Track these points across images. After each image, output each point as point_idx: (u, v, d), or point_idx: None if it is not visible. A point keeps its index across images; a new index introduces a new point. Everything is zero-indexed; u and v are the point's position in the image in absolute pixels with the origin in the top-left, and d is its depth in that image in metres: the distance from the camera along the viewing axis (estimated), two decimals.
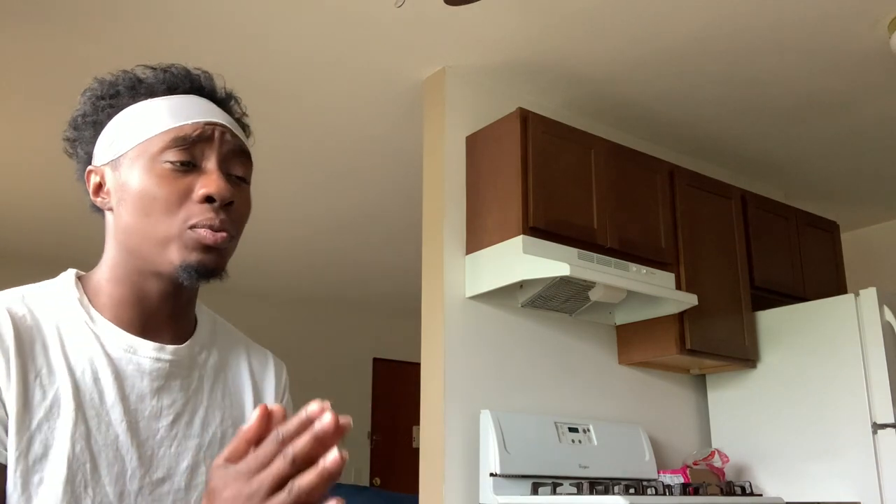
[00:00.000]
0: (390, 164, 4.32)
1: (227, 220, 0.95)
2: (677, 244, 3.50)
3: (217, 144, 0.96)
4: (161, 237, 0.93)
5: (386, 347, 7.52)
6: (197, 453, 0.98)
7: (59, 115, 4.25)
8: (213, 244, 0.93)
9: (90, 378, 0.92)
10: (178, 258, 0.93)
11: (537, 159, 3.10)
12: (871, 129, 3.99)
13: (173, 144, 0.94)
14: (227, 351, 1.08)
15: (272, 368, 1.12)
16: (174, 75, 1.00)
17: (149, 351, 0.96)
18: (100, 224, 1.06)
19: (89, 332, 0.94)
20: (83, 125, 1.01)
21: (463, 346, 3.07)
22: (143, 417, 0.95)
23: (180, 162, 0.94)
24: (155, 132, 0.95)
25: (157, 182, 0.93)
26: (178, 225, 0.93)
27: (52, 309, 0.95)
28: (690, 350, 3.39)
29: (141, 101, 0.98)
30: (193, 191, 0.94)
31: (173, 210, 0.93)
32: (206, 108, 0.98)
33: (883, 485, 3.17)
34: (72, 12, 3.00)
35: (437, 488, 2.91)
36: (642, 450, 3.35)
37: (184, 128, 0.95)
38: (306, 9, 2.99)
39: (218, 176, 0.94)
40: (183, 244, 0.93)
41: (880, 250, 5.26)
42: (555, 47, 3.26)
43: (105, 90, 1.00)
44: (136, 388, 0.95)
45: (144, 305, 0.97)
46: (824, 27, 3.12)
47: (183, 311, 1.01)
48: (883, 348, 3.26)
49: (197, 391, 1.01)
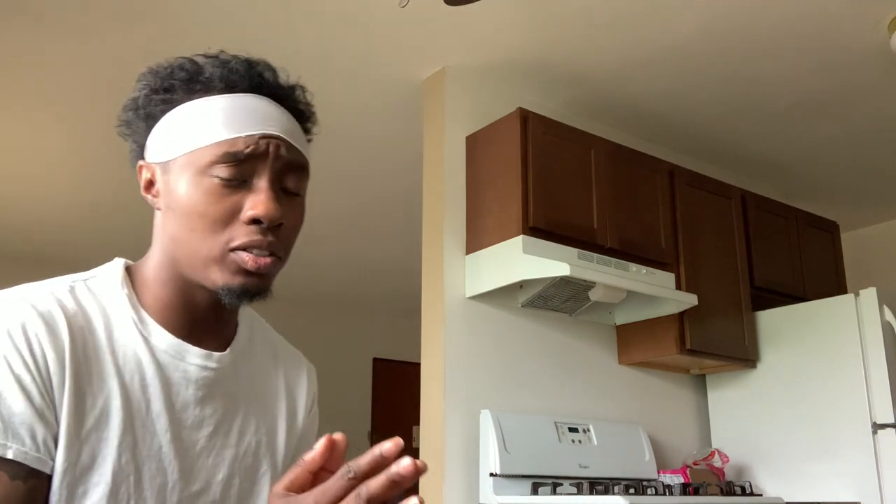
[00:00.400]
0: (390, 164, 4.32)
1: (274, 243, 0.89)
2: (677, 244, 3.50)
3: (271, 160, 0.89)
4: (204, 256, 0.89)
5: (386, 347, 7.52)
6: (232, 464, 0.95)
7: (59, 115, 4.25)
8: (255, 270, 0.88)
9: (138, 385, 0.89)
10: (220, 280, 0.89)
11: (537, 159, 3.10)
12: (871, 129, 3.99)
13: (223, 160, 0.87)
14: (262, 355, 1.04)
15: (305, 374, 1.09)
16: (233, 71, 0.92)
17: (196, 358, 0.93)
18: (98, 225, 1.05)
19: (137, 335, 0.90)
20: (135, 117, 0.95)
21: (463, 346, 3.07)
22: (186, 427, 0.91)
23: (229, 178, 0.88)
24: (206, 142, 0.88)
25: (204, 198, 0.88)
26: (221, 246, 0.88)
27: (100, 305, 0.90)
28: (690, 350, 3.39)
29: (196, 100, 0.91)
30: (241, 210, 0.88)
31: (218, 230, 0.88)
32: (264, 115, 0.91)
33: (883, 485, 3.17)
34: (72, 12, 3.00)
35: (437, 488, 2.91)
36: (642, 450, 3.35)
37: (236, 142, 0.88)
38: (306, 9, 2.99)
39: (267, 196, 0.88)
40: (225, 266, 0.88)
41: (880, 250, 5.26)
42: (555, 47, 3.26)
43: (159, 83, 0.93)
44: (182, 397, 0.92)
45: (191, 311, 0.94)
46: (824, 27, 3.11)
47: (229, 317, 0.98)
48: (883, 348, 3.26)
49: (235, 399, 0.97)
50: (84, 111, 3.76)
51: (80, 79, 3.46)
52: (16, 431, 0.79)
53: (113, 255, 3.74)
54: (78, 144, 4.13)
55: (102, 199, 4.80)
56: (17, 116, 3.83)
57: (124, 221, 5.06)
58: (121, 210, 4.91)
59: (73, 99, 3.65)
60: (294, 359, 1.10)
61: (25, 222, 5.25)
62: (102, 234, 5.35)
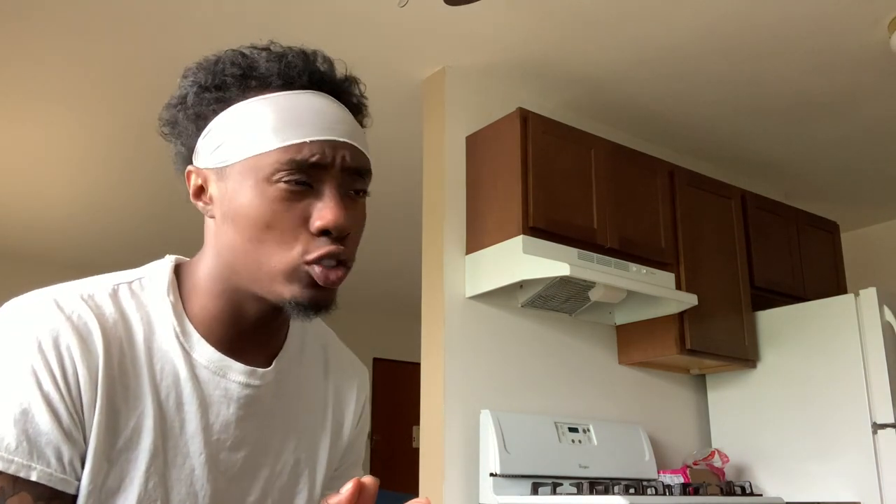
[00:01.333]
0: (390, 164, 4.32)
1: (345, 253, 0.85)
2: (677, 244, 3.50)
3: (338, 168, 0.84)
4: (272, 268, 0.83)
5: (386, 347, 7.52)
6: (266, 484, 0.91)
7: (59, 115, 4.25)
8: (326, 283, 0.83)
9: (174, 403, 0.84)
10: (288, 293, 0.83)
11: (537, 159, 3.10)
12: (871, 129, 3.99)
13: (289, 167, 0.82)
14: (311, 366, 0.99)
15: (356, 384, 1.04)
16: (290, 65, 0.86)
17: (238, 375, 0.87)
18: (99, 225, 1.04)
19: (178, 347, 0.85)
20: (184, 117, 0.88)
21: (463, 346, 3.07)
22: (224, 449, 0.87)
23: (296, 182, 0.82)
24: (269, 147, 0.82)
25: (272, 207, 0.82)
26: (293, 259, 0.83)
27: (143, 312, 0.85)
28: (690, 350, 3.39)
29: (252, 98, 0.85)
30: (309, 219, 0.83)
31: (289, 242, 0.83)
32: (328, 117, 0.85)
33: (883, 485, 3.17)
34: (73, 12, 3.00)
35: (437, 488, 2.91)
36: (642, 450, 3.35)
37: (301, 148, 0.82)
38: (306, 9, 2.99)
39: (336, 203, 0.83)
40: (297, 279, 0.83)
41: (880, 250, 5.26)
42: (555, 47, 3.26)
43: (210, 80, 0.86)
44: (222, 416, 0.86)
45: (239, 324, 0.88)
46: (824, 27, 3.11)
47: (277, 330, 0.93)
48: (883, 348, 3.26)
49: (276, 416, 0.92)
50: (85, 111, 3.76)
51: (81, 79, 3.46)
52: (41, 452, 0.76)
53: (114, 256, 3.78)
54: (79, 144, 4.13)
55: (103, 199, 4.80)
56: (16, 116, 3.83)
57: (125, 221, 5.07)
58: (122, 210, 4.91)
59: (74, 99, 3.65)
60: (346, 366, 1.04)
61: (26, 222, 5.25)
62: (103, 233, 5.35)
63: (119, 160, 4.27)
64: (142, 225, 5.06)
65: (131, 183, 4.57)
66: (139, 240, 5.30)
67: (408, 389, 5.70)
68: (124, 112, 3.75)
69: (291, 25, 3.08)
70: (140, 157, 4.22)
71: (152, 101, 4.12)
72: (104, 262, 5.67)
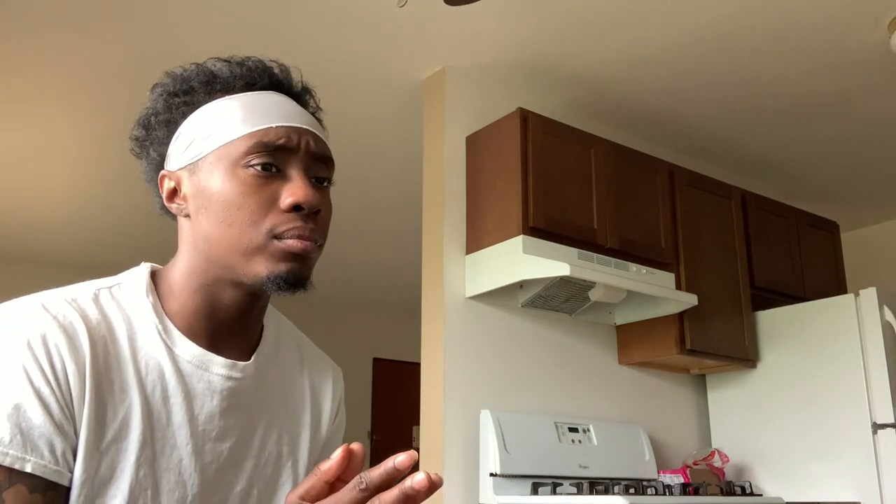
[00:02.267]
0: (390, 164, 4.32)
1: (315, 229, 0.90)
2: (677, 244, 3.50)
3: (302, 152, 0.90)
4: (245, 248, 0.87)
5: (386, 347, 7.53)
6: (252, 474, 0.93)
7: (58, 115, 4.25)
8: (302, 252, 0.88)
9: (160, 396, 0.87)
10: (264, 270, 0.87)
11: (537, 159, 3.10)
12: (871, 129, 3.99)
13: (257, 149, 0.88)
14: (288, 361, 1.02)
15: (330, 379, 1.07)
16: (251, 70, 0.93)
17: (220, 368, 0.91)
18: (98, 225, 1.05)
19: (161, 344, 0.89)
20: (155, 124, 0.94)
21: (463, 346, 3.07)
22: (210, 439, 0.90)
23: (264, 165, 0.88)
24: (237, 134, 0.89)
25: (241, 189, 0.87)
26: (263, 235, 0.87)
27: (124, 313, 0.89)
28: (690, 350, 3.39)
29: (217, 99, 0.91)
30: (279, 199, 0.88)
31: (258, 219, 0.87)
32: (288, 110, 0.92)
33: (883, 485, 3.17)
34: (73, 12, 3.00)
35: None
36: (642, 450, 3.35)
37: (268, 132, 0.89)
38: (306, 9, 2.99)
39: (304, 183, 0.89)
40: (270, 255, 0.87)
41: (880, 250, 5.26)
42: (555, 47, 3.26)
43: (178, 86, 0.93)
44: (206, 408, 0.90)
45: (217, 316, 0.92)
46: (824, 27, 3.11)
47: (253, 322, 0.96)
48: (883, 348, 3.26)
49: (258, 408, 0.95)
50: (81, 112, 3.76)
51: (77, 80, 3.46)
52: (35, 444, 0.78)
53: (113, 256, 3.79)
54: (75, 145, 4.13)
55: (100, 200, 4.80)
56: (16, 116, 3.83)
57: (124, 221, 5.07)
58: (120, 210, 4.91)
59: (70, 100, 3.65)
60: (320, 362, 1.08)
61: (23, 223, 5.25)
62: (100, 234, 5.35)
63: (115, 161, 4.27)
64: (139, 225, 5.06)
65: (128, 183, 4.55)
66: (137, 240, 5.29)
67: (408, 389, 5.69)
68: (120, 113, 3.75)
69: (291, 25, 3.08)
70: (134, 158, 4.21)
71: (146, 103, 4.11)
72: (102, 262, 5.67)
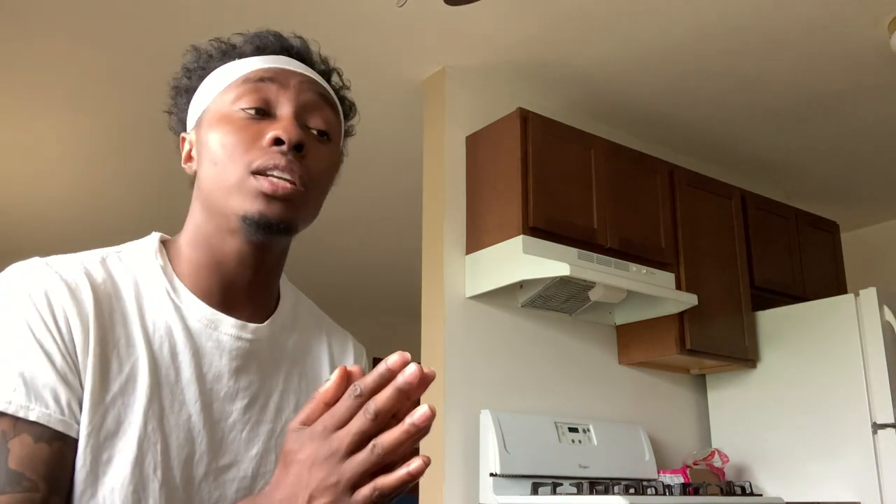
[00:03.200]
0: (390, 164, 4.32)
1: (295, 166, 0.86)
2: (677, 244, 3.50)
3: (294, 92, 0.90)
4: (226, 185, 0.87)
5: (386, 347, 7.49)
6: (268, 440, 0.92)
7: (56, 115, 4.24)
8: (273, 193, 0.85)
9: (168, 352, 0.86)
10: (239, 208, 0.86)
11: (537, 159, 3.10)
12: (871, 129, 3.99)
13: (245, 88, 0.89)
14: (307, 333, 1.01)
15: (351, 352, 1.06)
16: (263, 37, 0.95)
17: (230, 328, 0.90)
18: (98, 225, 1.04)
19: (169, 303, 0.88)
20: (178, 94, 0.97)
21: (463, 346, 3.07)
22: (218, 398, 0.89)
23: (254, 108, 0.89)
24: (230, 80, 0.91)
25: (228, 129, 0.88)
26: (242, 169, 0.86)
27: (132, 275, 0.89)
28: (690, 350, 3.39)
29: (229, 62, 0.94)
30: (263, 137, 0.87)
31: (239, 155, 0.87)
32: (287, 61, 0.93)
33: (883, 485, 3.17)
34: (73, 12, 3.00)
35: (437, 488, 2.91)
36: (642, 450, 3.35)
37: (257, 71, 0.91)
38: (306, 8, 2.99)
39: (290, 121, 0.88)
40: (245, 193, 0.86)
41: (880, 250, 5.26)
42: (555, 47, 3.26)
43: (198, 57, 0.96)
44: (214, 367, 0.89)
45: (223, 271, 0.91)
46: (824, 27, 3.11)
47: (264, 282, 0.94)
48: (883, 348, 3.26)
49: (274, 374, 0.94)
50: (84, 111, 3.76)
51: (80, 79, 3.46)
52: (38, 394, 0.78)
53: None
54: (77, 144, 4.13)
55: (103, 199, 4.80)
56: (16, 116, 3.83)
57: (124, 221, 5.07)
58: (120, 210, 4.91)
59: (73, 99, 3.65)
60: (341, 337, 1.06)
61: (25, 222, 5.25)
62: (102, 233, 5.35)
63: (115, 161, 4.27)
64: (137, 222, 5.06)
65: (125, 181, 4.57)
66: (134, 237, 5.28)
67: None
68: (123, 112, 3.75)
69: (291, 25, 3.06)
70: (133, 156, 4.21)
71: (145, 101, 4.13)
72: None
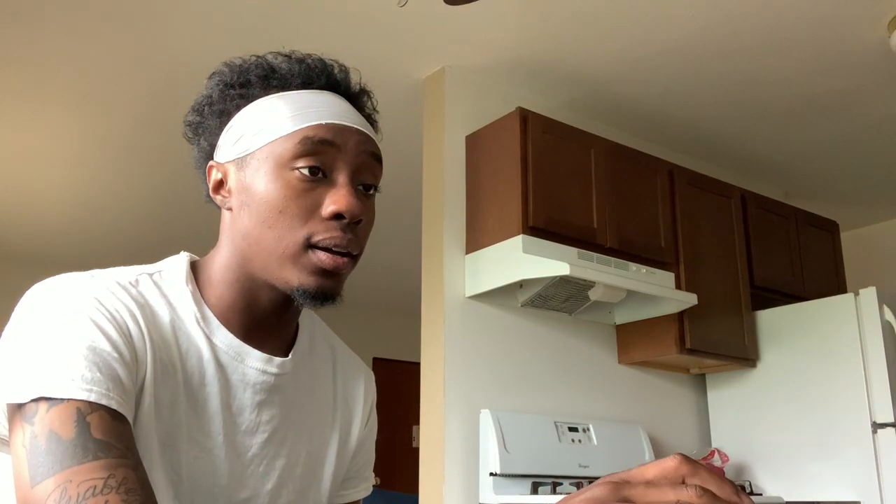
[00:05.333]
0: (390, 164, 4.29)
1: (353, 240, 0.86)
2: (677, 244, 3.50)
3: (351, 153, 0.88)
4: (280, 253, 0.85)
5: (386, 347, 7.52)
6: (282, 473, 0.92)
7: (53, 116, 4.23)
8: (334, 269, 0.85)
9: (198, 382, 0.86)
10: (295, 280, 0.85)
11: (537, 159, 3.10)
12: (871, 129, 3.99)
13: (303, 146, 0.85)
14: (321, 361, 1.02)
15: (362, 383, 1.06)
16: (310, 68, 0.91)
17: (256, 362, 0.90)
18: (98, 225, 1.04)
19: (200, 333, 0.88)
20: (209, 113, 0.92)
21: (463, 346, 3.07)
22: (240, 432, 0.89)
23: (310, 168, 0.85)
24: (286, 132, 0.86)
25: (285, 193, 0.85)
26: (299, 242, 0.85)
27: (166, 299, 0.88)
28: (690, 350, 3.39)
29: (273, 94, 0.89)
30: (321, 206, 0.85)
31: (297, 226, 0.85)
32: (340, 108, 0.90)
33: (883, 485, 3.17)
34: (74, 13, 3.00)
35: (437, 488, 2.91)
36: (642, 449, 3.35)
37: (316, 129, 0.86)
38: (306, 8, 2.99)
39: (348, 191, 0.86)
40: (302, 265, 0.85)
41: (880, 250, 5.26)
42: (555, 47, 3.26)
43: (235, 78, 0.91)
44: (238, 399, 0.89)
45: (254, 313, 0.90)
46: (824, 27, 3.11)
47: (291, 320, 0.95)
48: (883, 348, 3.26)
49: (292, 407, 0.94)
50: (80, 112, 3.76)
51: (77, 80, 3.46)
52: (116, 382, 0.77)
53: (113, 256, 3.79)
54: (74, 145, 4.13)
55: (99, 199, 4.80)
56: (12, 118, 3.83)
57: (121, 221, 5.06)
58: (117, 210, 4.91)
59: (69, 100, 3.65)
60: (352, 366, 1.07)
61: (25, 222, 5.25)
62: (99, 234, 5.35)
63: (115, 161, 4.27)
64: (138, 224, 5.06)
65: (127, 183, 4.56)
66: (135, 239, 5.29)
67: (408, 389, 5.69)
68: (119, 113, 3.75)
69: (290, 26, 3.08)
70: (135, 158, 4.21)
71: (147, 102, 4.12)
72: (100, 262, 5.65)
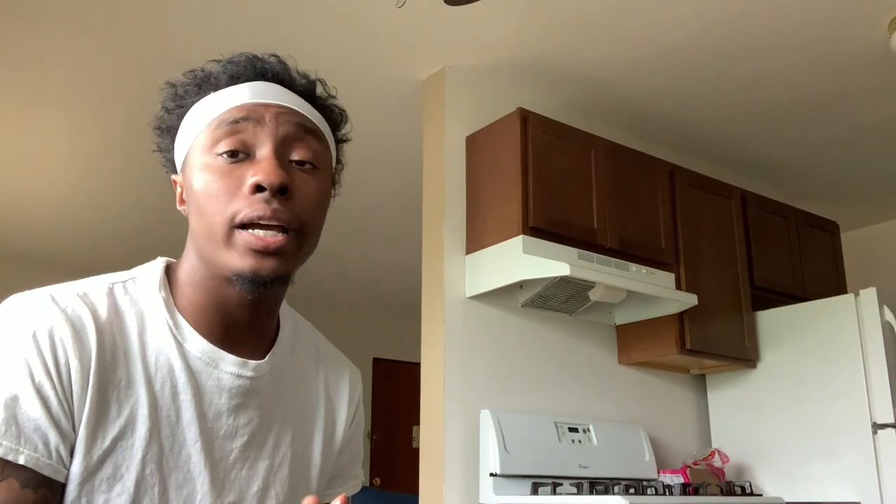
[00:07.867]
0: (390, 164, 4.32)
1: (283, 213, 0.83)
2: (677, 244, 3.50)
3: (271, 127, 0.86)
4: (213, 239, 0.84)
5: (386, 347, 7.52)
6: (267, 475, 0.92)
7: (59, 115, 4.24)
8: (263, 249, 0.82)
9: (169, 393, 0.85)
10: (230, 265, 0.83)
11: (537, 159, 3.10)
12: (871, 129, 3.99)
13: (220, 130, 0.85)
14: (305, 362, 1.00)
15: (347, 380, 1.05)
16: (236, 64, 0.90)
17: (230, 366, 0.89)
18: (98, 225, 1.04)
19: (171, 339, 0.87)
20: (162, 133, 0.94)
21: (463, 346, 3.07)
22: (218, 437, 0.88)
23: (230, 151, 0.84)
24: (207, 121, 0.87)
25: (209, 177, 0.84)
26: (226, 223, 0.83)
27: (137, 308, 0.87)
28: (690, 350, 3.39)
29: (204, 97, 0.89)
30: (245, 183, 0.83)
31: (222, 208, 0.83)
32: (264, 90, 0.88)
33: (883, 485, 3.17)
34: (74, 12, 3.00)
35: (437, 488, 2.91)
36: (642, 450, 3.35)
37: (231, 111, 0.86)
38: (306, 9, 2.99)
39: (269, 161, 0.83)
40: (234, 248, 0.83)
41: (880, 250, 5.26)
42: (555, 47, 3.26)
43: (174, 91, 0.92)
44: (214, 405, 0.88)
45: (224, 312, 0.89)
46: (824, 27, 3.12)
47: (265, 319, 0.93)
48: (883, 348, 3.26)
49: (273, 408, 0.94)
50: (83, 112, 3.76)
51: (75, 82, 3.46)
52: (29, 437, 0.77)
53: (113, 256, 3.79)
54: (78, 145, 4.13)
55: (97, 200, 4.80)
56: (17, 117, 3.83)
57: (122, 221, 5.07)
58: (119, 210, 4.91)
59: (68, 102, 3.65)
60: (336, 363, 1.05)
61: (24, 222, 5.25)
62: (101, 234, 5.35)
63: (114, 161, 4.27)
64: (136, 225, 5.06)
65: (123, 183, 4.56)
66: (134, 240, 5.29)
67: (408, 389, 5.69)
68: (120, 114, 3.75)
69: (290, 26, 3.08)
70: (132, 158, 4.21)
71: (144, 104, 4.12)
72: (99, 262, 5.67)
